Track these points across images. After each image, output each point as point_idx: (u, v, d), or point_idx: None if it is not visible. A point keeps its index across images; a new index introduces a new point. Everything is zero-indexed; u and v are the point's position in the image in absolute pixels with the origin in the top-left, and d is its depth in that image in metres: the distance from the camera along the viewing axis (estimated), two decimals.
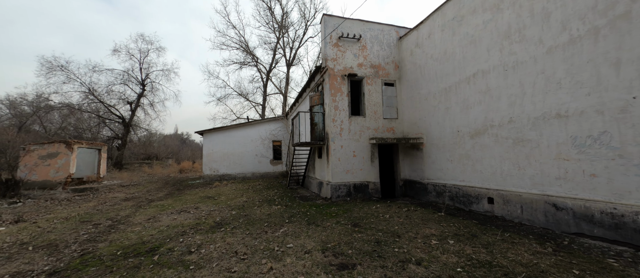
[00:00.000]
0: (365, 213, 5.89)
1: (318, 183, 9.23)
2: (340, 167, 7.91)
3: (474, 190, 5.89)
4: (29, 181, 11.30)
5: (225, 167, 16.27)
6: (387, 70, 8.81)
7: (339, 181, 7.84)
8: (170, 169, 25.48)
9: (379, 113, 8.55)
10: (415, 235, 4.31)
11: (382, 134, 8.49)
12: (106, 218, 6.46)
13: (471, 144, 5.98)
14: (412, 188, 8.19)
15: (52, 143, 12.05)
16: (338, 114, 8.09)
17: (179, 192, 11.27)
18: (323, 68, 8.40)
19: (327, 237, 4.32)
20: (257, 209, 6.95)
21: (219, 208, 7.32)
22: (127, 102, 26.09)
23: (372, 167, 8.25)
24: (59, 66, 21.93)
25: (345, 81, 8.27)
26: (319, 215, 5.99)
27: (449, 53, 6.65)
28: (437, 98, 7.14)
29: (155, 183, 15.95)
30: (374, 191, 8.13)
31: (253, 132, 17.04)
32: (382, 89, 8.69)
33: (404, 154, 8.64)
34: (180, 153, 40.28)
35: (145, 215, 6.64)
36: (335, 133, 7.99)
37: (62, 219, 6.47)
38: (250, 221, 5.66)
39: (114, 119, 25.65)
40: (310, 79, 9.95)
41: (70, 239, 4.85)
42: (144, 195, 10.75)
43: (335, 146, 7.95)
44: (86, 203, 8.78)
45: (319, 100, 8.96)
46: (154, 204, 8.27)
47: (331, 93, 8.08)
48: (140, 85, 26.71)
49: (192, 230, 5.10)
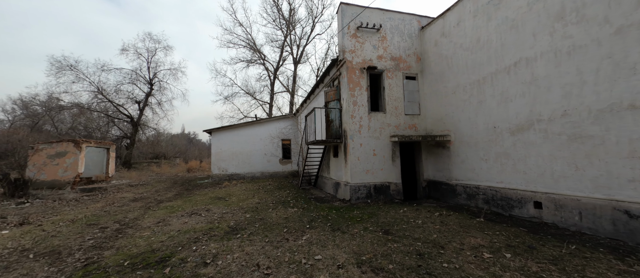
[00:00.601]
0: (393, 218, 5.33)
1: (334, 184, 8.71)
2: (359, 167, 7.36)
3: (515, 192, 5.26)
4: (37, 180, 11.12)
5: (234, 166, 15.91)
6: (409, 63, 8.20)
7: (359, 182, 7.30)
8: (178, 168, 25.36)
9: (400, 108, 7.96)
10: (461, 245, 3.74)
11: (403, 131, 7.90)
12: (114, 221, 6.08)
13: (511, 142, 5.35)
14: (437, 190, 7.59)
15: (61, 142, 11.86)
16: (357, 110, 7.54)
17: (188, 192, 10.91)
18: (340, 61, 7.85)
19: (359, 247, 3.79)
20: (272, 212, 6.47)
21: (231, 210, 6.87)
22: (136, 101, 26.07)
23: (394, 167, 7.67)
24: (69, 66, 21.97)
25: (364, 75, 7.71)
26: (342, 219, 5.46)
27: (483, 41, 6.02)
28: (467, 91, 6.51)
29: (164, 182, 15.70)
30: (395, 192, 7.55)
31: (262, 130, 16.63)
32: (404, 83, 8.09)
33: (427, 153, 8.03)
34: (188, 152, 40.40)
35: (154, 218, 6.24)
36: (354, 130, 7.45)
37: (68, 222, 6.13)
38: (268, 226, 5.18)
39: (123, 119, 25.65)
40: (324, 74, 9.42)
41: (74, 245, 4.46)
42: (153, 195, 10.42)
43: (354, 144, 7.41)
44: (94, 204, 8.48)
45: (335, 95, 8.42)
46: (163, 205, 7.90)
47: (349, 88, 7.53)
48: (148, 84, 26.65)
49: (205, 236, 4.65)
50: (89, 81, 22.99)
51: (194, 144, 48.76)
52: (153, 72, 26.86)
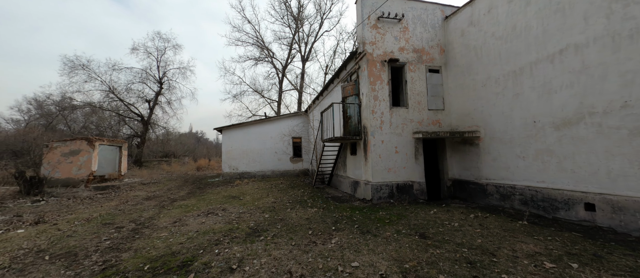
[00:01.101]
0: (425, 220, 4.95)
1: (352, 183, 8.35)
2: (381, 165, 6.98)
3: (560, 193, 4.80)
4: (52, 178, 11.15)
5: (244, 165, 15.72)
6: (432, 55, 7.75)
7: (380, 181, 6.92)
8: (188, 167, 25.42)
9: (423, 103, 7.53)
10: (513, 252, 3.34)
11: (427, 127, 7.47)
12: (129, 220, 5.89)
13: (556, 137, 4.88)
14: (464, 189, 7.14)
15: (74, 140, 11.86)
16: (378, 105, 7.14)
17: (200, 191, 10.74)
18: (360, 53, 7.46)
19: (398, 253, 3.43)
20: (291, 212, 6.17)
21: (247, 209, 6.61)
22: (146, 100, 26.27)
23: (417, 165, 7.26)
24: (81, 65, 22.24)
25: (385, 68, 7.30)
26: (369, 221, 5.11)
27: (521, 28, 5.54)
28: (500, 83, 6.04)
29: (175, 180, 15.65)
30: (419, 192, 7.14)
31: (272, 128, 16.38)
32: (427, 77, 7.64)
33: (452, 150, 7.58)
34: (196, 151, 40.73)
35: (170, 217, 6.02)
36: (375, 127, 7.06)
37: (83, 221, 5.97)
38: (290, 227, 4.87)
39: (134, 118, 25.89)
40: (341, 68, 9.04)
41: (91, 246, 4.25)
42: (166, 193, 10.29)
43: (375, 141, 7.02)
44: (108, 202, 8.36)
45: (353, 90, 8.04)
46: (177, 204, 7.70)
47: (370, 81, 7.14)
48: (157, 83, 26.81)
49: (226, 237, 4.37)
50: (100, 80, 23.25)
51: (202, 143, 49.20)
52: (162, 71, 27.02)
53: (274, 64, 27.91)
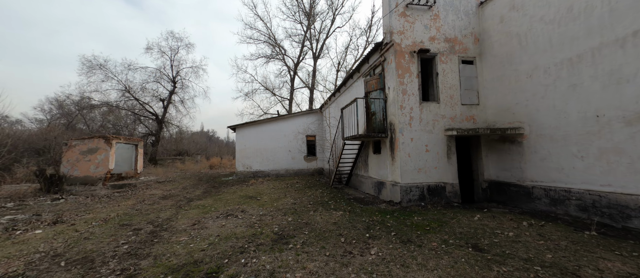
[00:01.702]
0: (471, 228, 4.38)
1: (375, 183, 7.83)
2: (410, 165, 6.43)
3: (633, 199, 4.12)
4: (71, 176, 11.23)
5: (258, 163, 15.47)
6: (465, 45, 7.10)
7: (410, 182, 6.38)
8: (201, 165, 25.58)
9: (455, 98, 6.90)
10: (599, 273, 2.76)
11: (460, 124, 6.84)
12: (147, 222, 5.63)
13: (627, 134, 4.20)
14: (502, 192, 6.48)
15: (92, 138, 11.92)
16: (406, 100, 6.58)
17: (216, 190, 10.51)
18: (386, 44, 6.91)
19: (456, 271, 2.91)
20: (315, 215, 5.74)
21: (267, 211, 6.23)
22: (160, 99, 26.57)
23: (449, 165, 6.66)
24: (98, 65, 22.67)
25: (414, 59, 6.72)
26: (405, 227, 4.60)
27: (579, 9, 4.84)
28: (551, 74, 5.35)
29: (189, 179, 15.60)
30: (452, 194, 6.55)
31: (286, 126, 16.03)
32: (460, 68, 7.00)
33: (488, 148, 6.92)
34: (208, 149, 41.20)
35: (188, 219, 5.72)
36: (403, 123, 6.51)
37: (100, 221, 5.76)
38: (318, 233, 4.43)
39: (148, 116, 26.24)
40: (362, 62, 8.51)
41: (108, 251, 3.96)
42: (181, 192, 10.11)
43: (404, 139, 6.48)
44: (125, 201, 8.22)
45: (377, 85, 7.50)
46: (194, 204, 7.44)
47: (398, 74, 6.58)
48: (171, 82, 27.06)
49: (251, 244, 3.98)
50: (117, 80, 23.64)
51: (213, 141, 49.84)
52: (176, 70, 27.24)
53: (286, 61, 27.61)
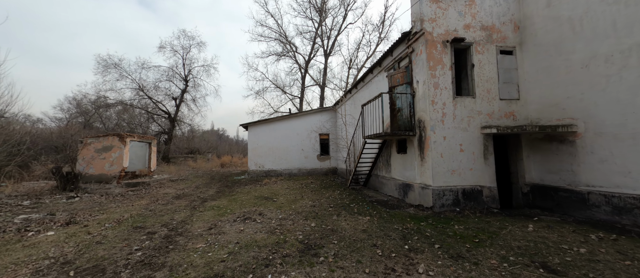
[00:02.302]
0: (528, 241, 3.77)
1: (399, 185, 7.26)
2: (443, 166, 5.83)
3: None
4: (86, 174, 11.20)
5: (270, 162, 15.14)
6: (504, 33, 6.40)
7: (443, 185, 5.78)
8: (212, 163, 25.64)
9: (493, 92, 6.23)
10: None
11: (498, 121, 6.17)
12: (161, 224, 5.31)
13: None
14: (549, 197, 5.78)
15: (107, 136, 11.87)
16: (439, 95, 5.98)
17: (229, 190, 10.21)
18: (415, 34, 6.31)
19: None
20: (339, 220, 5.25)
21: (287, 215, 5.79)
22: (172, 98, 26.76)
23: (486, 166, 6.01)
24: (113, 64, 22.97)
25: (447, 49, 6.10)
26: (447, 237, 4.03)
27: None
28: (616, 62, 4.63)
29: (202, 177, 15.46)
30: (490, 199, 5.91)
31: (299, 124, 15.61)
32: (498, 59, 6.32)
33: (531, 148, 6.22)
34: (219, 148, 41.55)
35: (203, 221, 5.36)
36: (435, 120, 5.91)
37: (113, 222, 5.49)
38: (349, 243, 3.94)
39: (161, 115, 26.47)
40: (385, 55, 7.92)
41: (120, 258, 3.62)
42: (195, 192, 9.86)
43: (436, 138, 5.88)
44: (139, 201, 8.00)
45: (403, 78, 6.92)
46: (208, 205, 7.11)
47: (429, 66, 5.98)
48: (183, 81, 27.19)
49: (276, 254, 3.54)
50: (131, 79, 23.90)
51: (223, 140, 50.32)
52: (188, 69, 27.36)
53: (297, 59, 27.21)
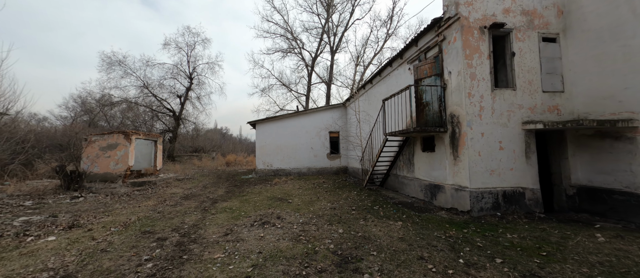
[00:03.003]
0: (608, 256, 3.18)
1: (426, 186, 6.69)
2: (481, 165, 5.26)
3: None
4: (91, 173, 10.81)
5: (278, 161, 14.66)
6: (546, 18, 5.78)
7: (481, 187, 5.21)
8: (218, 162, 25.27)
9: (535, 83, 5.63)
10: None
11: (541, 115, 5.58)
12: (171, 228, 4.83)
13: None
14: (600, 201, 5.18)
15: (111, 133, 11.47)
16: (476, 87, 5.39)
17: (239, 190, 9.73)
18: (448, 19, 5.72)
19: None
20: (368, 225, 4.71)
21: (307, 218, 5.27)
22: (177, 95, 26.42)
23: (528, 166, 5.42)
24: (118, 61, 22.63)
25: (485, 36, 5.51)
26: (506, 250, 3.47)
27: None
28: None
29: (208, 176, 15.03)
30: (533, 203, 5.32)
31: (308, 122, 15.09)
32: (540, 47, 5.71)
33: (577, 146, 5.61)
34: (223, 146, 41.28)
35: (217, 226, 4.87)
36: (472, 115, 5.33)
37: (120, 226, 5.02)
38: (391, 254, 3.40)
39: (166, 113, 26.14)
40: (408, 45, 7.32)
41: (129, 271, 3.13)
42: (203, 192, 9.40)
43: (473, 134, 5.30)
44: (146, 201, 7.55)
45: (431, 70, 6.34)
46: (220, 207, 6.62)
47: (465, 54, 5.40)
48: (188, 78, 26.83)
49: (309, 269, 3.01)
50: (135, 76, 23.57)
51: (227, 138, 50.16)
52: (192, 67, 26.97)
53: (303, 56, 26.67)
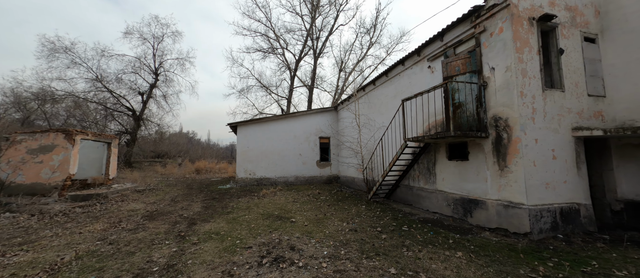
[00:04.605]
0: None
1: (455, 201, 5.76)
2: (536, 177, 4.45)
3: None
4: (12, 183, 8.04)
5: (263, 169, 12.96)
6: (587, 17, 5.36)
7: (538, 204, 4.38)
8: (186, 169, 22.36)
9: (581, 85, 5.09)
10: None
11: (588, 121, 5.02)
12: (133, 275, 3.10)
13: None
14: None
15: (46, 132, 8.79)
16: (528, 85, 4.64)
17: (219, 204, 7.92)
18: (492, 7, 4.94)
19: None
20: (421, 259, 3.51)
21: (333, 250, 3.90)
22: (139, 92, 23.05)
23: (580, 178, 4.77)
24: (63, 48, 18.84)
25: (533, 29, 4.83)
26: None
27: None
28: None
29: (176, 186, 12.68)
30: (587, 221, 4.64)
31: (297, 126, 13.72)
32: (583, 47, 5.23)
33: (621, 156, 5.14)
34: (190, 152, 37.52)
35: (206, 267, 3.25)
36: (526, 117, 4.54)
37: (44, 272, 3.13)
38: None
39: (124, 112, 22.54)
40: (430, 41, 6.48)
41: None
42: (173, 207, 7.40)
43: (527, 140, 4.50)
44: (91, 224, 5.45)
45: (465, 66, 5.53)
46: (201, 230, 4.89)
47: (516, 47, 4.64)
48: (153, 74, 23.66)
49: None
50: (86, 67, 19.89)
51: (194, 143, 46.11)
52: (159, 61, 23.88)
53: (286, 57, 25.31)
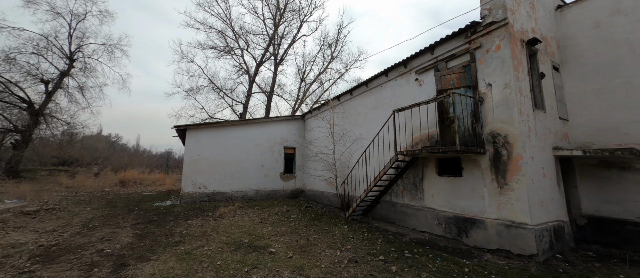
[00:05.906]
0: None
1: (448, 219, 5.44)
2: (536, 196, 4.38)
3: None
4: None
5: (217, 182, 10.95)
6: (552, 48, 5.95)
7: (540, 223, 4.29)
8: (106, 181, 17.77)
9: (554, 108, 5.49)
10: None
11: (560, 142, 5.40)
12: None
13: None
14: (612, 232, 5.17)
15: None
16: (524, 103, 4.68)
17: (160, 230, 5.95)
18: (490, 24, 4.95)
19: None
20: None
21: None
22: (42, 80, 17.72)
23: (560, 196, 4.99)
24: None
25: (524, 51, 5.00)
26: None
27: None
28: None
29: (91, 204, 9.53)
30: (569, 237, 4.82)
31: (259, 133, 12.24)
32: (552, 74, 5.73)
33: (582, 174, 5.66)
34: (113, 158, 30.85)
35: None
36: (524, 135, 4.51)
37: None
38: None
39: (14, 102, 16.82)
40: (420, 53, 6.31)
41: None
42: (86, 237, 5.12)
43: (526, 158, 4.44)
44: None
45: (460, 80, 5.43)
46: (138, 276, 3.20)
47: (513, 65, 4.66)
48: (66, 58, 18.74)
49: None
50: None
51: (119, 149, 38.41)
52: (77, 44, 19.13)
53: (245, 60, 23.44)
